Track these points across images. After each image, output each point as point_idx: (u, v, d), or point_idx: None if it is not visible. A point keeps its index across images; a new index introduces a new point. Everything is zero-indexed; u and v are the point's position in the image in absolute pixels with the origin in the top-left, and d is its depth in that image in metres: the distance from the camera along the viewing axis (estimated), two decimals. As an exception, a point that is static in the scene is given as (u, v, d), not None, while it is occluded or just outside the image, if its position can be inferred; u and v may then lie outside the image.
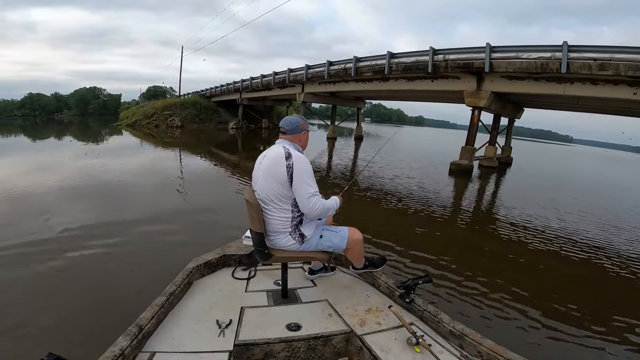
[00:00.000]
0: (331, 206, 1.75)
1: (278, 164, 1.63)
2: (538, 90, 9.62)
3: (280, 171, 1.62)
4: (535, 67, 8.75)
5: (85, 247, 3.34)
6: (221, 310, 1.70)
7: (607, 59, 7.89)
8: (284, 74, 18.37)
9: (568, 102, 11.44)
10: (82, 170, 7.58)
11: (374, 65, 12.55)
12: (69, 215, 4.31)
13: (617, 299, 3.12)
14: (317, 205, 1.64)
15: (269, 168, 1.66)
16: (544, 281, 3.40)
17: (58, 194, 5.42)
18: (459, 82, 10.97)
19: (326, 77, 15.02)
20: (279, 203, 1.67)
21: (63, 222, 4.00)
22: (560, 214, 6.39)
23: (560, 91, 9.27)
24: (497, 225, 5.33)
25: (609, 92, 8.66)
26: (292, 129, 1.74)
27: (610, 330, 2.53)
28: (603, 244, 4.71)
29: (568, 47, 8.19)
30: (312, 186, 1.64)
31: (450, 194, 7.85)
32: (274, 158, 1.65)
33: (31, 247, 3.28)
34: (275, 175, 1.63)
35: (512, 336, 2.33)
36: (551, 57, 8.50)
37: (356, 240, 1.87)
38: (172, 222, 4.30)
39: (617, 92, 8.53)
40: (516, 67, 9.11)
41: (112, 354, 1.21)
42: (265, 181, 1.67)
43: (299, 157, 1.65)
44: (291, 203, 1.68)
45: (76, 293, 2.53)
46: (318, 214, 1.68)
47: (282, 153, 1.64)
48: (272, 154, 1.69)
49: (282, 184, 1.63)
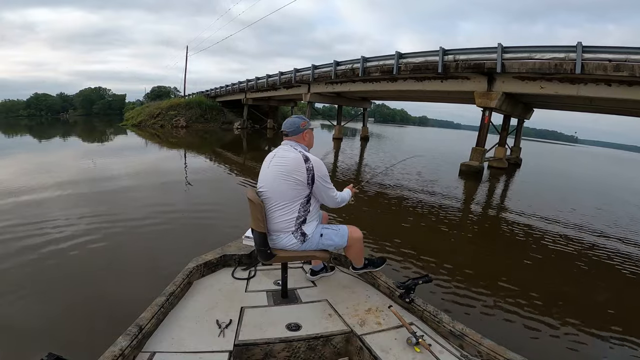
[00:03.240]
0: (348, 196, 1.98)
1: (296, 166, 1.67)
2: (551, 91, 9.46)
3: (301, 173, 1.67)
4: (548, 68, 8.61)
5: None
6: (221, 310, 1.70)
7: (623, 60, 7.78)
8: (290, 74, 18.32)
9: (580, 103, 11.28)
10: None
11: (382, 65, 12.44)
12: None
13: (629, 303, 3.05)
14: (340, 199, 1.87)
15: (284, 170, 1.68)
16: (550, 283, 3.34)
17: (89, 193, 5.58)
18: (469, 83, 10.84)
19: (333, 77, 14.94)
20: (289, 203, 1.70)
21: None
22: (583, 219, 6.26)
23: (573, 92, 9.12)
24: (507, 227, 5.24)
25: (624, 93, 8.53)
26: (294, 130, 1.78)
27: (612, 330, 2.51)
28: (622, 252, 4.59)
29: (582, 47, 8.06)
30: (331, 184, 1.81)
31: (460, 196, 7.72)
32: (293, 161, 1.69)
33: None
34: (291, 175, 1.67)
35: (512, 336, 2.32)
36: (565, 57, 8.37)
37: (356, 238, 1.90)
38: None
39: (632, 93, 8.40)
40: (529, 67, 8.98)
41: (112, 354, 1.20)
42: (277, 181, 1.69)
43: (315, 160, 1.72)
44: (300, 202, 1.72)
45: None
46: (340, 205, 1.91)
47: (301, 157, 1.69)
48: (288, 158, 1.71)
49: (300, 185, 1.68)
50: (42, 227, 3.79)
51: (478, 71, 10.02)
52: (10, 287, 2.54)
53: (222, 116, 28.30)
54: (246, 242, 2.18)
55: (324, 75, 15.74)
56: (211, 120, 27.49)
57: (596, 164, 25.18)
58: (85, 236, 3.58)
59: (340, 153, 14.67)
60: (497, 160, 12.09)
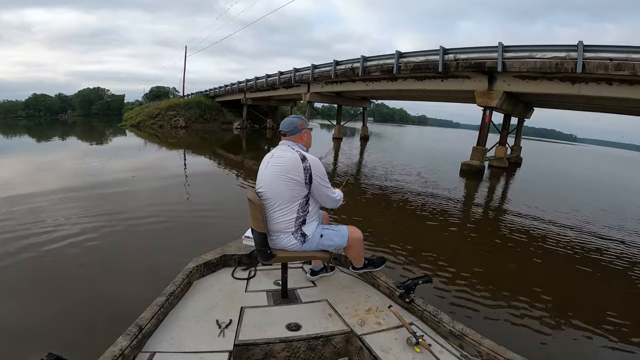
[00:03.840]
0: (342, 195, 1.96)
1: (293, 166, 1.66)
2: (551, 90, 9.46)
3: (298, 173, 1.66)
4: (549, 67, 8.60)
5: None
6: (221, 310, 1.70)
7: (624, 59, 7.76)
8: (289, 74, 18.32)
9: (581, 102, 11.27)
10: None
11: (382, 64, 12.43)
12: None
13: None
14: (339, 197, 1.88)
15: (281, 170, 1.68)
16: (550, 282, 3.30)
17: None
18: (470, 82, 10.82)
19: (333, 77, 14.94)
20: (288, 203, 1.70)
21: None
22: (581, 217, 6.24)
23: (574, 91, 9.11)
24: (508, 227, 5.20)
25: (625, 92, 8.53)
26: (291, 130, 1.77)
27: (614, 331, 2.50)
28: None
29: (584, 47, 8.05)
30: (329, 183, 1.79)
31: (461, 195, 7.70)
32: (290, 161, 1.68)
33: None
34: (289, 175, 1.66)
35: (513, 336, 2.31)
36: (566, 56, 8.37)
37: (356, 238, 1.90)
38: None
39: (633, 92, 8.40)
40: (530, 66, 8.97)
41: (112, 354, 1.20)
42: (275, 182, 1.69)
43: (312, 159, 1.71)
44: (299, 203, 1.71)
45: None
46: (338, 205, 1.91)
47: (297, 156, 1.68)
48: (285, 158, 1.70)
49: (298, 185, 1.67)
50: (42, 226, 3.77)
51: (479, 70, 10.02)
52: (9, 287, 2.52)
53: (222, 116, 28.19)
54: (246, 242, 2.17)
55: (323, 74, 15.74)
56: (210, 120, 27.39)
57: (596, 164, 25.16)
58: (84, 234, 3.57)
59: (340, 154, 14.62)
60: (498, 160, 12.07)
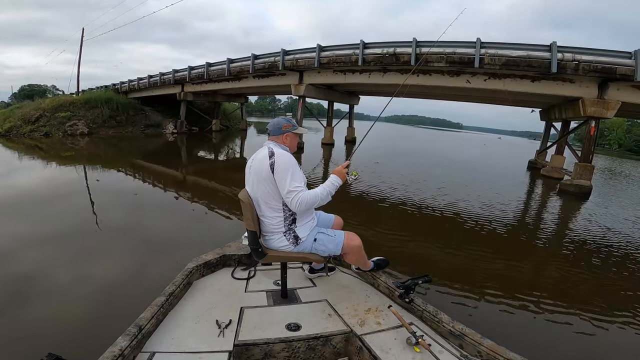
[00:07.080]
0: (316, 195, 1.68)
1: (263, 164, 1.65)
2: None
3: (265, 170, 1.64)
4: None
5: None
6: (221, 311, 1.69)
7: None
8: (271, 57, 12.79)
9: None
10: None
11: (453, 54, 9.02)
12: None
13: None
14: (296, 201, 1.61)
15: (257, 169, 1.69)
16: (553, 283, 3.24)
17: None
18: (573, 87, 8.71)
19: (361, 64, 10.55)
20: (271, 203, 1.69)
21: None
22: None
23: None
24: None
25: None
26: (274, 131, 1.76)
27: (615, 331, 2.47)
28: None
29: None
30: (295, 181, 1.62)
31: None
32: (260, 159, 1.69)
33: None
34: (262, 175, 1.66)
35: (512, 336, 2.24)
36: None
37: (352, 246, 1.80)
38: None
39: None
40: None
41: (112, 354, 1.20)
42: (256, 182, 1.70)
43: (280, 154, 1.66)
44: (282, 202, 1.68)
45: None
46: (303, 209, 1.65)
47: (267, 153, 1.67)
48: (259, 155, 1.72)
49: (270, 182, 1.65)
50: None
51: (600, 76, 7.98)
52: (9, 286, 2.46)
53: (144, 118, 20.62)
54: (245, 242, 2.13)
55: (337, 59, 11.07)
56: (127, 123, 19.50)
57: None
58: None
59: (332, 164, 10.98)
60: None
